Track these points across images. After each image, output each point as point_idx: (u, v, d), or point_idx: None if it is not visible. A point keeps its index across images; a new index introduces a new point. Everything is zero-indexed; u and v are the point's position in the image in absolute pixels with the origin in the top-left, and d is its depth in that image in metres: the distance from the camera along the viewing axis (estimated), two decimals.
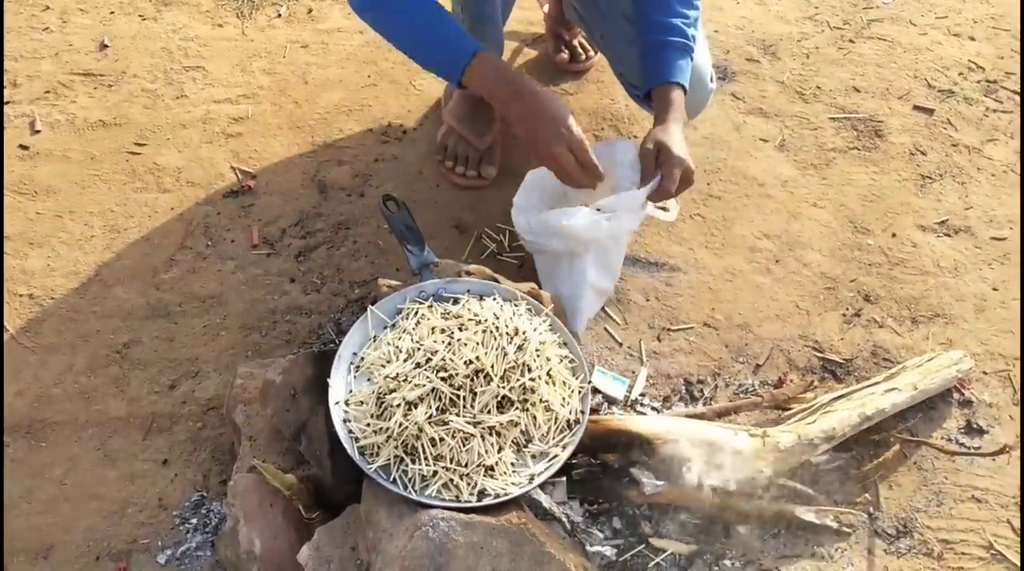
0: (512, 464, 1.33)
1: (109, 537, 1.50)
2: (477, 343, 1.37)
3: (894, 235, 2.02)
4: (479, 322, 1.40)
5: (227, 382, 1.65)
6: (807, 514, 1.52)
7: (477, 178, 2.02)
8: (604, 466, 1.45)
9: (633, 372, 1.73)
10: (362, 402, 1.37)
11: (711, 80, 1.82)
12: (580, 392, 1.43)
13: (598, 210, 1.58)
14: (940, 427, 1.68)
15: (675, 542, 1.49)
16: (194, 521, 1.52)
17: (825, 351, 1.80)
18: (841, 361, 1.78)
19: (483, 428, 1.31)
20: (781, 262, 1.95)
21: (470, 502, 1.28)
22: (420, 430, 1.30)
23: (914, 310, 1.87)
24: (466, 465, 1.29)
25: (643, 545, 1.48)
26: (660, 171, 1.56)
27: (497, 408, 1.34)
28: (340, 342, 1.46)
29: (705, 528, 1.51)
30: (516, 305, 1.50)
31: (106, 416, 1.65)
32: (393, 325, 1.48)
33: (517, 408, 1.34)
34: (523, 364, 1.36)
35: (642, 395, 1.69)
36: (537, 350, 1.38)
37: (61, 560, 1.47)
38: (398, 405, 1.32)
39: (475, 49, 1.54)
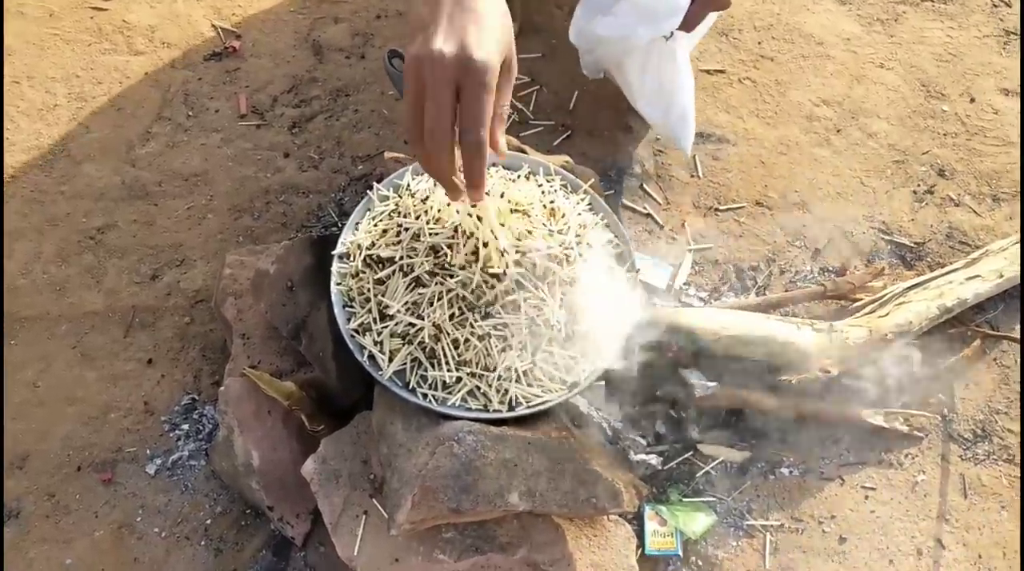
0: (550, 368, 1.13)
1: (91, 445, 1.34)
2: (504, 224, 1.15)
3: (973, 100, 1.76)
4: (509, 201, 1.18)
5: (215, 272, 1.45)
6: (874, 417, 1.35)
7: None
8: (648, 364, 1.27)
9: (676, 258, 1.52)
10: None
11: None
12: (627, 283, 1.22)
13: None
14: None
15: (727, 448, 1.34)
16: (185, 427, 1.35)
17: (894, 233, 1.58)
18: (912, 245, 1.57)
19: (514, 327, 1.11)
20: (843, 132, 1.71)
21: (500, 412, 1.10)
22: (439, 329, 1.10)
23: (995, 186, 1.64)
24: (494, 370, 1.10)
25: (691, 452, 1.32)
26: None
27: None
28: (342, 225, 1.25)
29: (760, 433, 1.35)
30: (550, 181, 1.27)
31: (81, 310, 1.46)
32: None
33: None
34: (562, 250, 1.15)
35: (687, 284, 1.50)
36: (578, 235, 1.16)
37: (38, 471, 1.32)
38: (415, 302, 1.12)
39: None
